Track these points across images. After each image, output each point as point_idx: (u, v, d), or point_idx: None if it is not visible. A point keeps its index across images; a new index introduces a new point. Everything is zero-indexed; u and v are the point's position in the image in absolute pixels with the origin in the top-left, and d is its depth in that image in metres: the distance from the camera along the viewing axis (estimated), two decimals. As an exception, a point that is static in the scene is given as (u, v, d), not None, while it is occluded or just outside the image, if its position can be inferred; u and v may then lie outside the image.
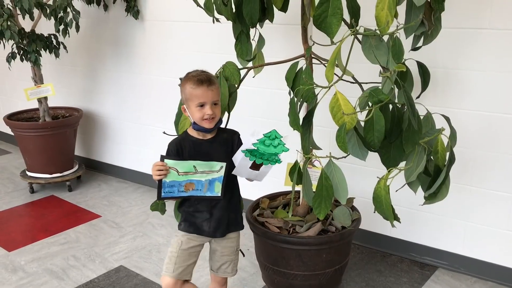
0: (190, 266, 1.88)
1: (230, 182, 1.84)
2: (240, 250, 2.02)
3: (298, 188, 1.91)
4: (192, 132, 1.83)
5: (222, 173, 1.76)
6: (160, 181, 1.70)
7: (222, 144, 1.83)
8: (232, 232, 1.93)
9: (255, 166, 1.74)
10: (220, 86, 2.01)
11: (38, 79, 3.60)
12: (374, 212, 1.71)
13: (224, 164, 1.75)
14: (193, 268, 1.91)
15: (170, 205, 2.05)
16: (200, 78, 1.73)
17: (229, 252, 1.94)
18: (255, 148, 1.66)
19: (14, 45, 3.39)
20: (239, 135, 1.89)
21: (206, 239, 1.91)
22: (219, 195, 1.79)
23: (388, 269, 2.57)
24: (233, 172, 1.77)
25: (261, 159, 1.69)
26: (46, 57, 3.81)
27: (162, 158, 1.70)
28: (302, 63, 1.98)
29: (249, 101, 2.98)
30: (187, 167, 1.72)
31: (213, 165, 1.75)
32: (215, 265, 1.96)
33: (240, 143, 1.85)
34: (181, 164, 1.71)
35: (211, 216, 1.85)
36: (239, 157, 1.72)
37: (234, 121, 2.27)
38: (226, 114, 2.11)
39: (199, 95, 1.73)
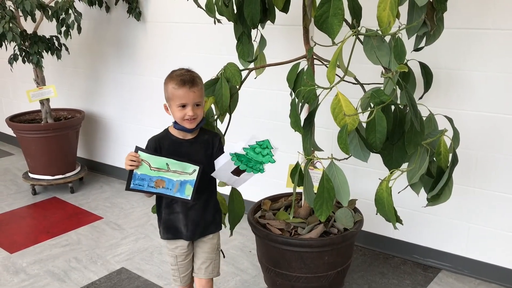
0: (191, 270, 1.95)
1: (207, 184, 1.81)
2: (221, 250, 1.99)
3: (300, 189, 1.90)
4: (173, 131, 1.81)
5: (194, 176, 1.72)
6: (131, 171, 1.70)
7: (203, 145, 1.81)
8: (209, 234, 1.90)
9: (237, 172, 1.72)
10: (221, 88, 2.00)
11: (40, 80, 3.60)
12: (377, 214, 1.70)
13: (197, 168, 1.71)
14: (192, 270, 1.96)
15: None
16: (182, 79, 1.70)
17: (209, 249, 1.90)
18: (244, 153, 1.65)
19: (16, 47, 3.40)
20: (220, 137, 1.86)
21: (187, 242, 1.88)
22: (189, 198, 1.74)
23: (391, 271, 2.55)
24: (212, 174, 1.75)
25: (246, 165, 1.68)
26: (48, 58, 3.82)
27: (137, 149, 1.69)
28: (303, 64, 1.97)
29: (250, 102, 2.97)
30: (160, 163, 1.70)
31: (186, 166, 1.71)
32: (195, 265, 1.93)
33: (220, 146, 1.84)
34: (154, 159, 1.70)
35: (186, 218, 1.81)
36: (222, 161, 1.70)
37: (235, 122, 2.26)
38: (227, 115, 2.10)
39: (181, 96, 1.70)
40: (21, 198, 3.65)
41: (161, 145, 1.79)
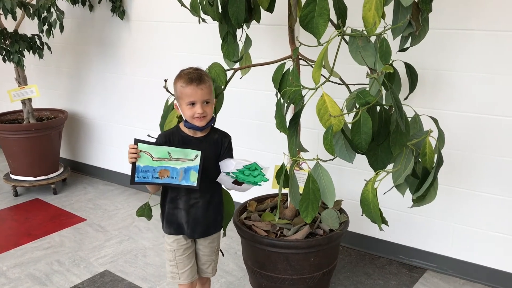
0: (193, 267, 1.91)
1: (211, 184, 1.81)
2: (220, 250, 2.00)
3: (286, 190, 1.88)
4: (184, 128, 1.81)
5: (197, 162, 1.71)
6: (133, 165, 1.68)
7: (212, 144, 1.81)
8: (212, 234, 1.90)
9: (238, 183, 1.74)
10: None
11: (21, 80, 3.53)
12: (362, 215, 1.69)
13: (199, 153, 1.71)
14: (195, 267, 1.93)
15: (156, 210, 2.01)
16: (190, 77, 1.71)
17: (209, 252, 1.93)
18: (234, 177, 1.69)
19: (-3, 46, 3.33)
20: (230, 138, 1.86)
21: (188, 238, 1.88)
22: (195, 184, 1.73)
23: (377, 271, 2.55)
24: (218, 180, 1.77)
25: (243, 179, 1.71)
26: (30, 58, 3.75)
27: (136, 141, 1.68)
28: (289, 64, 1.95)
29: (236, 102, 2.95)
30: (161, 152, 1.69)
31: (188, 152, 1.71)
32: (198, 266, 1.96)
33: (229, 147, 1.85)
34: (155, 149, 1.69)
35: (188, 215, 1.82)
36: (222, 173, 1.73)
37: (220, 123, 2.24)
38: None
39: (189, 94, 1.71)
40: (2, 199, 3.58)
41: (171, 140, 1.78)
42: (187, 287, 1.91)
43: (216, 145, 1.82)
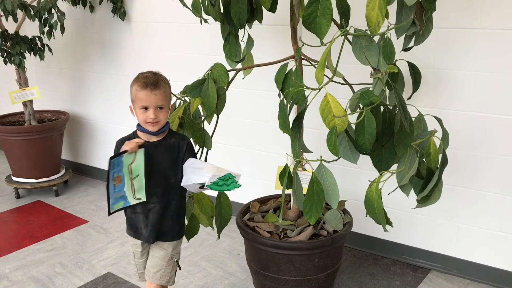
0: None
1: (169, 189, 1.79)
2: (177, 262, 1.93)
3: (289, 191, 1.87)
4: (140, 133, 1.80)
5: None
6: (121, 154, 1.68)
7: (168, 148, 1.78)
8: (164, 241, 1.86)
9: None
10: (208, 88, 1.97)
11: (23, 82, 3.52)
12: (366, 216, 1.68)
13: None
14: None
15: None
16: (145, 81, 1.71)
17: (160, 256, 1.86)
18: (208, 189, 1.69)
19: (-2, 48, 3.32)
20: (188, 141, 1.82)
21: (145, 243, 1.87)
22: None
23: (381, 272, 2.54)
24: (183, 185, 1.75)
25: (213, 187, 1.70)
26: (31, 59, 3.74)
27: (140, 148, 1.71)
28: (291, 65, 1.94)
29: (238, 103, 2.93)
30: (136, 169, 1.72)
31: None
32: (146, 266, 1.92)
33: (189, 150, 1.80)
34: (139, 163, 1.71)
35: (147, 219, 1.80)
36: (189, 176, 1.72)
37: (223, 123, 2.23)
38: (215, 116, 2.07)
39: (142, 98, 1.71)
40: (4, 202, 3.57)
41: None
42: (146, 284, 1.96)
43: (172, 149, 1.78)
